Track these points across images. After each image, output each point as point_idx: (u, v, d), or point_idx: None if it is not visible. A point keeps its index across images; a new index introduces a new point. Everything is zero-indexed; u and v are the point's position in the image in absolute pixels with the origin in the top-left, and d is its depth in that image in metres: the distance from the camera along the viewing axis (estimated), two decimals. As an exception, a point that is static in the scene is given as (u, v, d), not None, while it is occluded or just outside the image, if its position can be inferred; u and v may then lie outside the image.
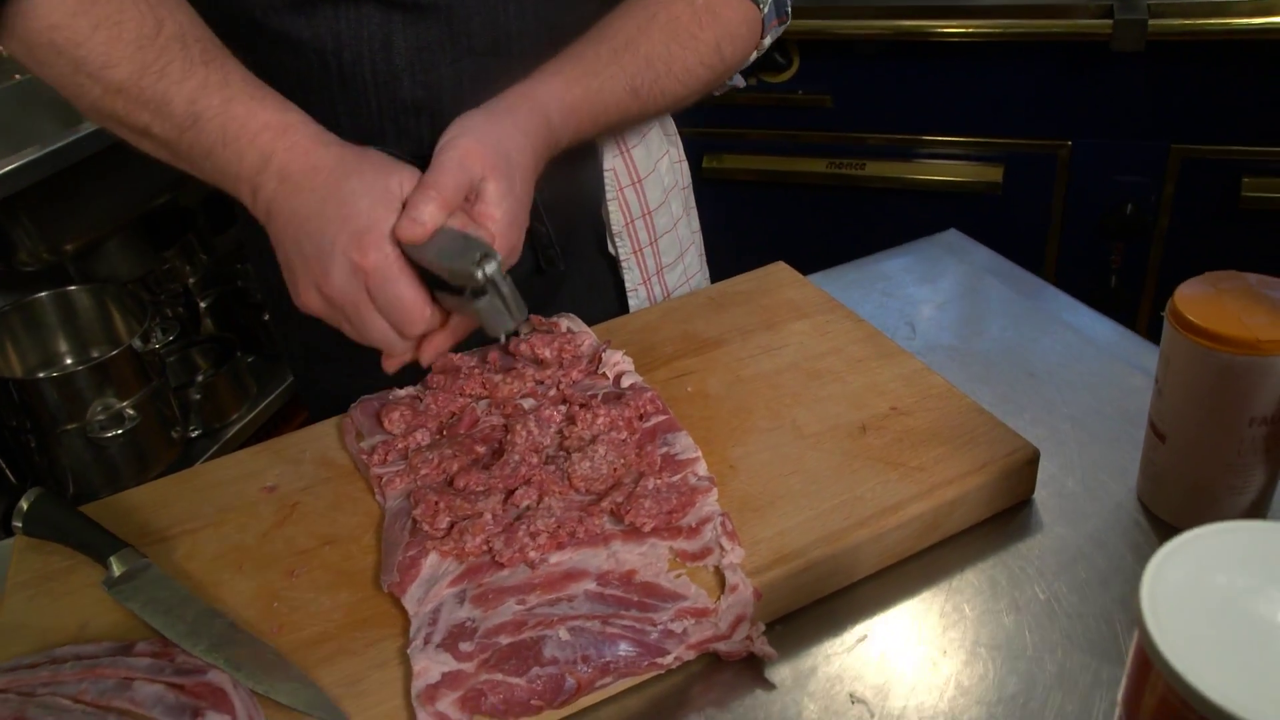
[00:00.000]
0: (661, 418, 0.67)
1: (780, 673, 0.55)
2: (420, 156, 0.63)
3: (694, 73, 0.74)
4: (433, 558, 0.58)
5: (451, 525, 0.60)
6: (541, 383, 0.72)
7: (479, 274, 0.54)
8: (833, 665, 0.55)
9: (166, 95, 0.61)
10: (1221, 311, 0.55)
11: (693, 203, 0.95)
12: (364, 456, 0.68)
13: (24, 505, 0.66)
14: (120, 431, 1.43)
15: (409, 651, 0.53)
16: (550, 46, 0.71)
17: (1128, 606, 0.57)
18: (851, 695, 0.53)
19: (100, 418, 1.43)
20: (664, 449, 0.65)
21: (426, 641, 0.53)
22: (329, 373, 0.89)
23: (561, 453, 0.65)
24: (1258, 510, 0.60)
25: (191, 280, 1.79)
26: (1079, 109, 1.51)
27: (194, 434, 1.63)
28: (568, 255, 0.84)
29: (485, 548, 0.58)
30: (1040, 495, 0.65)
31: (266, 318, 1.79)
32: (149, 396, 1.47)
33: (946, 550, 0.62)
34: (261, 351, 1.84)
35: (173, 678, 0.52)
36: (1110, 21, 1.38)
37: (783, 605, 0.58)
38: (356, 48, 0.70)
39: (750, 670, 0.55)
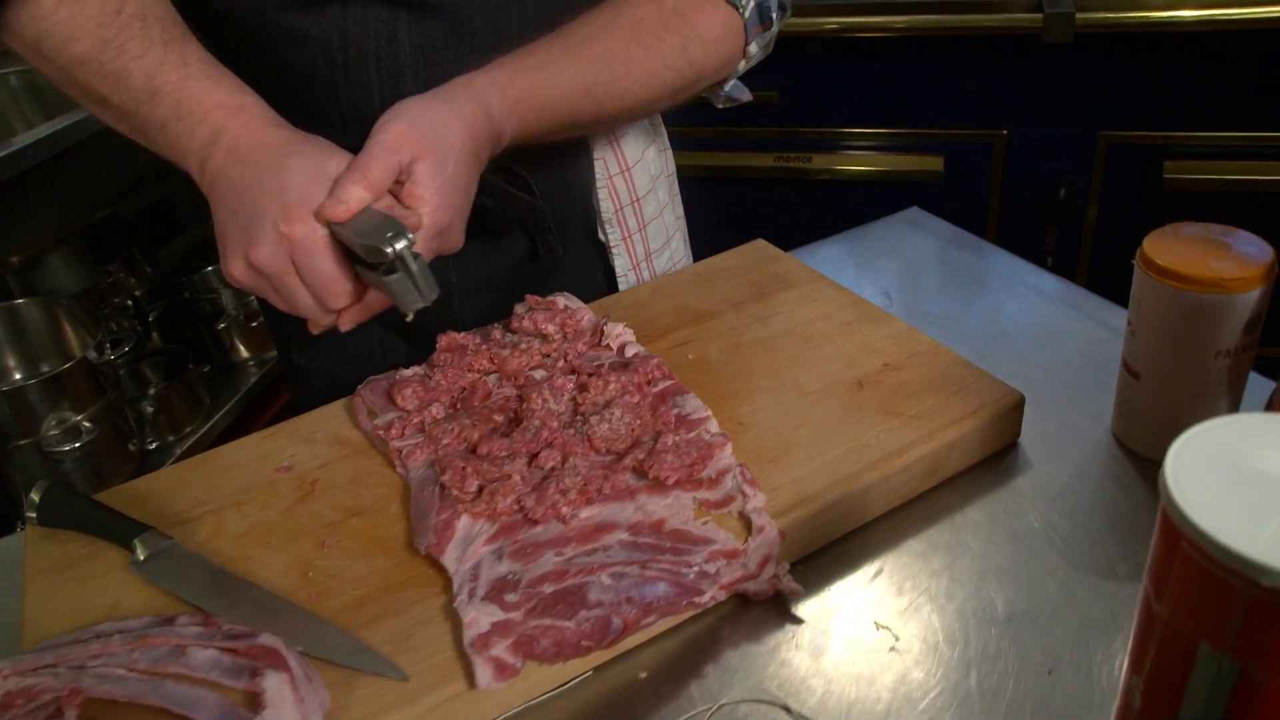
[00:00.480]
0: (669, 382, 0.70)
1: (806, 608, 0.59)
2: None
3: (658, 75, 0.74)
4: (465, 520, 0.60)
5: (480, 489, 0.62)
6: (548, 355, 0.74)
7: (388, 250, 0.58)
8: (854, 598, 0.59)
9: (125, 70, 0.64)
10: (1187, 256, 0.60)
11: (677, 190, 0.98)
12: (380, 432, 0.69)
13: (35, 497, 0.66)
14: (77, 445, 1.40)
15: (456, 605, 0.55)
16: None
17: (1115, 529, 0.62)
18: (876, 623, 0.57)
19: (54, 432, 1.40)
20: (675, 410, 0.68)
21: (471, 595, 0.55)
22: (320, 361, 0.90)
23: (578, 418, 0.67)
24: (1222, 439, 0.65)
25: (138, 293, 1.76)
26: (1013, 99, 1.60)
27: (151, 446, 1.60)
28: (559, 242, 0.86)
29: (517, 506, 0.60)
30: (1025, 438, 0.70)
31: (221, 326, 1.76)
32: (105, 409, 1.44)
33: (946, 491, 0.66)
34: (213, 362, 1.81)
35: (224, 643, 0.52)
36: (1040, 15, 1.46)
37: (803, 546, 0.61)
38: (362, 45, 0.71)
39: (777, 608, 0.59)
